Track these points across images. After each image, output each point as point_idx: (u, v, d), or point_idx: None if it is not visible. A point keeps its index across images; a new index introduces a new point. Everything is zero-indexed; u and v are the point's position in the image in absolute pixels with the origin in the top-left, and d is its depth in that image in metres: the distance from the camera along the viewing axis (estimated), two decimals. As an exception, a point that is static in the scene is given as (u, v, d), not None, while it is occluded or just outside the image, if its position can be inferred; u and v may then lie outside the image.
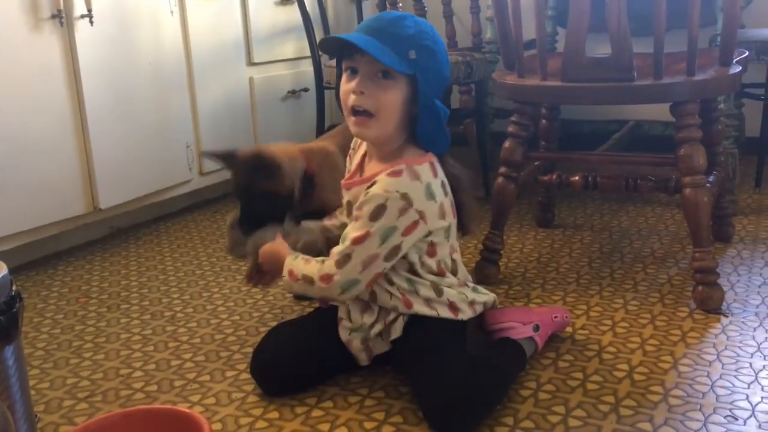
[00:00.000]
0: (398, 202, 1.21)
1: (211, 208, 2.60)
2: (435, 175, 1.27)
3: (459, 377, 1.19)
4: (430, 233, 1.26)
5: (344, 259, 1.23)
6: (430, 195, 1.25)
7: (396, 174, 1.23)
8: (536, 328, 1.38)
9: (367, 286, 1.25)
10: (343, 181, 1.36)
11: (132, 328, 1.64)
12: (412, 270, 1.29)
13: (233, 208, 1.60)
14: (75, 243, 2.22)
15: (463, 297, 1.33)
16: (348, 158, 1.42)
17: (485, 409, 1.21)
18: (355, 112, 1.24)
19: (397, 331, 1.30)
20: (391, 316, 1.30)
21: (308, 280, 1.25)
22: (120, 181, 2.18)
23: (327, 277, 1.23)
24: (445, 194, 1.29)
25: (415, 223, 1.23)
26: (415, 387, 1.27)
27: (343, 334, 1.33)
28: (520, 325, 1.37)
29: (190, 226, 2.39)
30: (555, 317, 1.44)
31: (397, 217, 1.21)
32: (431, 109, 1.24)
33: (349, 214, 1.30)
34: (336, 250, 1.24)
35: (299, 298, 1.70)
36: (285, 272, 1.29)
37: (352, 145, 1.42)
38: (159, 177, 2.30)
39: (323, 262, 1.26)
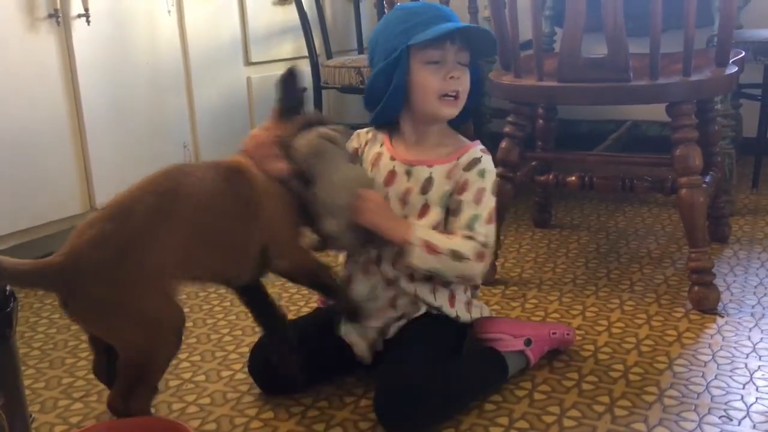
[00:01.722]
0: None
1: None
2: None
3: (414, 381, 1.18)
4: None
5: (488, 239, 1.26)
6: None
7: (487, 151, 1.33)
8: (528, 342, 1.34)
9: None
10: (402, 157, 1.33)
11: (128, 327, 1.64)
12: None
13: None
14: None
15: (471, 298, 1.37)
16: (357, 150, 1.40)
17: (434, 416, 1.20)
18: (447, 95, 1.28)
19: (390, 333, 1.32)
20: (394, 317, 1.32)
21: (458, 256, 1.23)
22: (117, 180, 2.15)
23: (482, 256, 1.25)
24: None
25: None
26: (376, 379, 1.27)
27: (352, 337, 1.33)
28: (510, 337, 1.33)
29: (187, 226, 2.39)
30: (553, 333, 1.39)
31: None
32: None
33: (425, 190, 1.29)
34: (479, 235, 1.25)
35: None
36: (417, 245, 1.22)
37: (357, 144, 1.40)
38: (156, 177, 2.29)
39: (470, 239, 1.24)
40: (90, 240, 1.06)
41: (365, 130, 1.43)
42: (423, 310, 1.31)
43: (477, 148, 1.32)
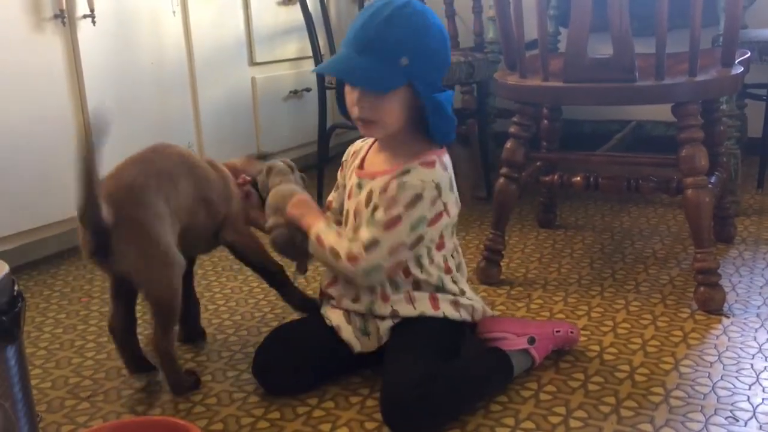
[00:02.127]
0: (432, 192, 1.25)
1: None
2: (448, 167, 1.32)
3: (417, 379, 1.18)
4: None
5: (373, 245, 1.24)
6: (451, 187, 1.30)
7: (430, 165, 1.26)
8: (531, 341, 1.34)
9: (387, 272, 1.27)
10: (358, 171, 1.36)
11: (134, 327, 1.64)
12: (419, 263, 1.31)
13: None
14: (77, 242, 2.21)
15: (457, 298, 1.35)
16: (341, 169, 1.44)
17: (437, 416, 1.19)
18: (358, 119, 1.27)
19: (384, 336, 1.32)
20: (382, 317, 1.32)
21: (335, 254, 1.26)
22: (122, 180, 2.17)
23: (353, 259, 1.24)
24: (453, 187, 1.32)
25: (440, 215, 1.27)
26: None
27: (335, 320, 1.34)
28: (514, 336, 1.33)
29: (192, 226, 2.39)
30: (557, 331, 1.38)
31: (429, 207, 1.25)
32: (435, 105, 1.24)
33: (368, 203, 1.30)
34: (365, 235, 1.25)
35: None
36: (312, 235, 1.30)
37: (345, 157, 1.44)
38: (161, 177, 2.30)
39: (350, 240, 1.26)
40: (133, 175, 1.27)
41: (360, 140, 1.42)
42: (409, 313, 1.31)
43: (417, 162, 1.26)
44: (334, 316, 1.35)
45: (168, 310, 1.29)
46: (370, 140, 1.39)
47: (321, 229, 1.30)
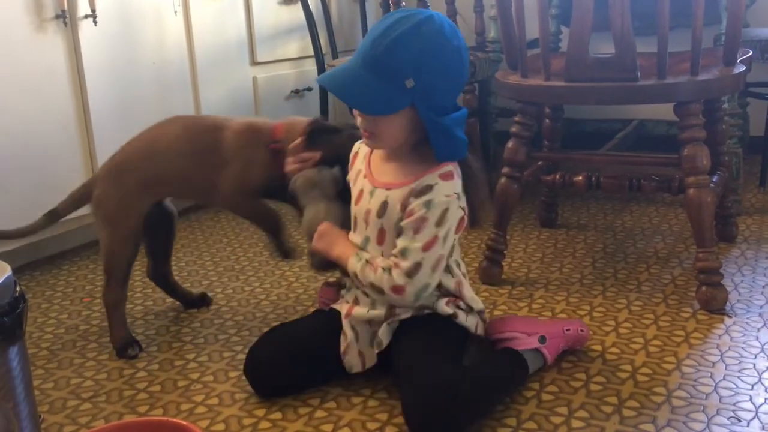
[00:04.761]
0: (456, 203, 1.25)
1: (215, 208, 2.59)
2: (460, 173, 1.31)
3: (442, 385, 1.16)
4: None
5: (415, 268, 1.23)
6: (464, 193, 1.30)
7: (449, 177, 1.25)
8: (542, 340, 1.33)
9: (434, 285, 1.27)
10: (369, 176, 1.32)
11: (136, 327, 1.64)
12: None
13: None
14: (79, 242, 2.22)
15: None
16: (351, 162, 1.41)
17: (467, 419, 1.18)
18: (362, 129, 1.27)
19: (382, 342, 1.30)
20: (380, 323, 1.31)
21: (377, 290, 1.26)
22: (124, 180, 2.17)
23: (399, 289, 1.24)
24: None
25: (462, 220, 1.27)
26: (400, 391, 1.25)
27: (343, 344, 1.33)
28: (524, 335, 1.33)
29: (194, 226, 2.40)
30: (567, 330, 1.38)
31: (455, 215, 1.25)
32: (438, 128, 1.21)
33: (382, 213, 1.27)
34: (405, 263, 1.23)
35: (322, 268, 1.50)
36: (349, 270, 1.29)
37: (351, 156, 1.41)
38: (163, 176, 2.30)
39: (389, 271, 1.24)
40: (104, 166, 1.59)
41: (359, 141, 1.38)
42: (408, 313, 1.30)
43: (436, 174, 1.24)
44: (344, 335, 1.33)
45: (105, 265, 1.56)
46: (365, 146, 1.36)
47: (353, 265, 1.28)
